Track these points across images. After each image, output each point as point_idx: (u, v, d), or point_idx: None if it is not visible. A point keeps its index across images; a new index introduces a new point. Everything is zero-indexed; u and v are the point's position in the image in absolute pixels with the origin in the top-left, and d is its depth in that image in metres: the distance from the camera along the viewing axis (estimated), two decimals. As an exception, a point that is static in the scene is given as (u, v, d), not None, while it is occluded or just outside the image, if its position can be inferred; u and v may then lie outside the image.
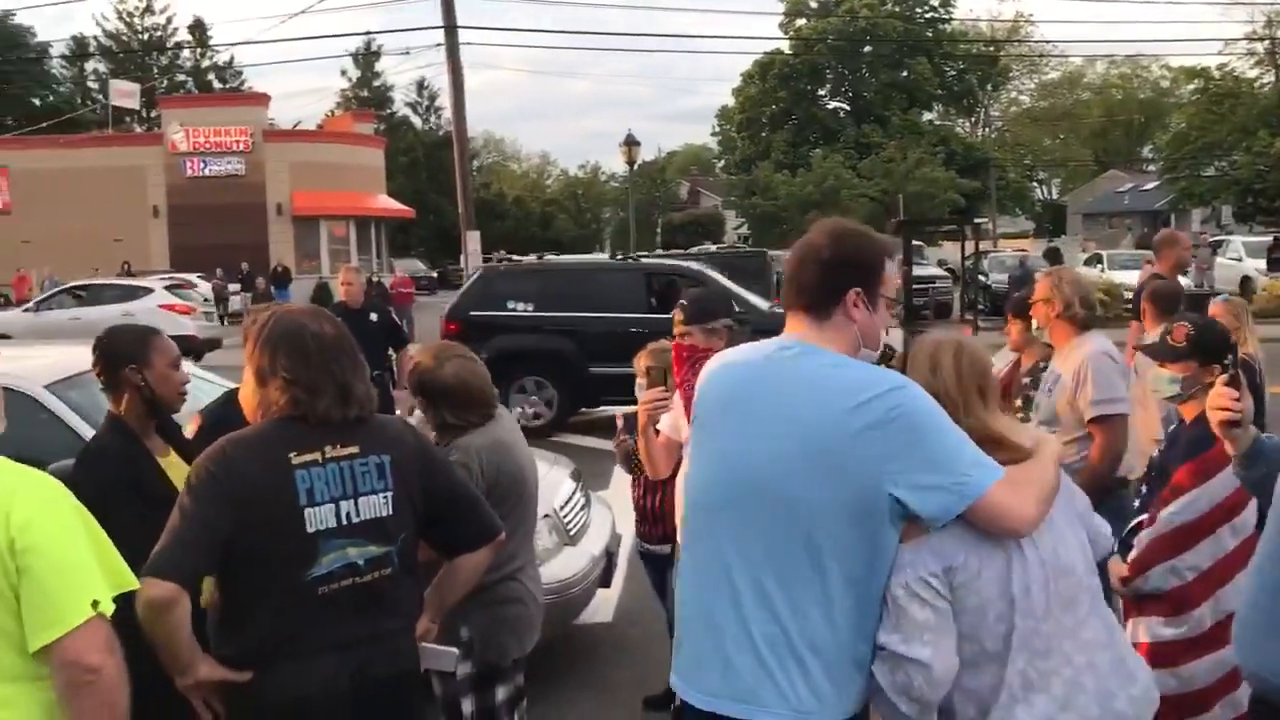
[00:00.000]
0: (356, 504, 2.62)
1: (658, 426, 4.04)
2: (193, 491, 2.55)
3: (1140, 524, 3.74)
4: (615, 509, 6.08)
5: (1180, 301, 5.97)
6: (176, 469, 3.33)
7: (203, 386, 5.95)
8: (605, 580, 5.58)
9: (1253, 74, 47.22)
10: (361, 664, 2.58)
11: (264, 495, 2.54)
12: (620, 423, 4.76)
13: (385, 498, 2.66)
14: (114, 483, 2.26)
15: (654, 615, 6.41)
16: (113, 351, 3.34)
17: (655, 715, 4.82)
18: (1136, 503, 3.88)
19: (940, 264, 32.02)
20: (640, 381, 3.97)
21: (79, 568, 1.99)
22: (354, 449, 2.65)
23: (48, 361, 5.12)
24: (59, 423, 4.70)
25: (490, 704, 3.47)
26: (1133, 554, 3.61)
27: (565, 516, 5.42)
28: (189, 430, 3.98)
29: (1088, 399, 4.44)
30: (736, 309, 4.51)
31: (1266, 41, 46.24)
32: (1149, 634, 3.59)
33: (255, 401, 2.72)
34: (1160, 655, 3.55)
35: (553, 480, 5.58)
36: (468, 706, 3.41)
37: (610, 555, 5.60)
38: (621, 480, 7.01)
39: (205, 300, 23.56)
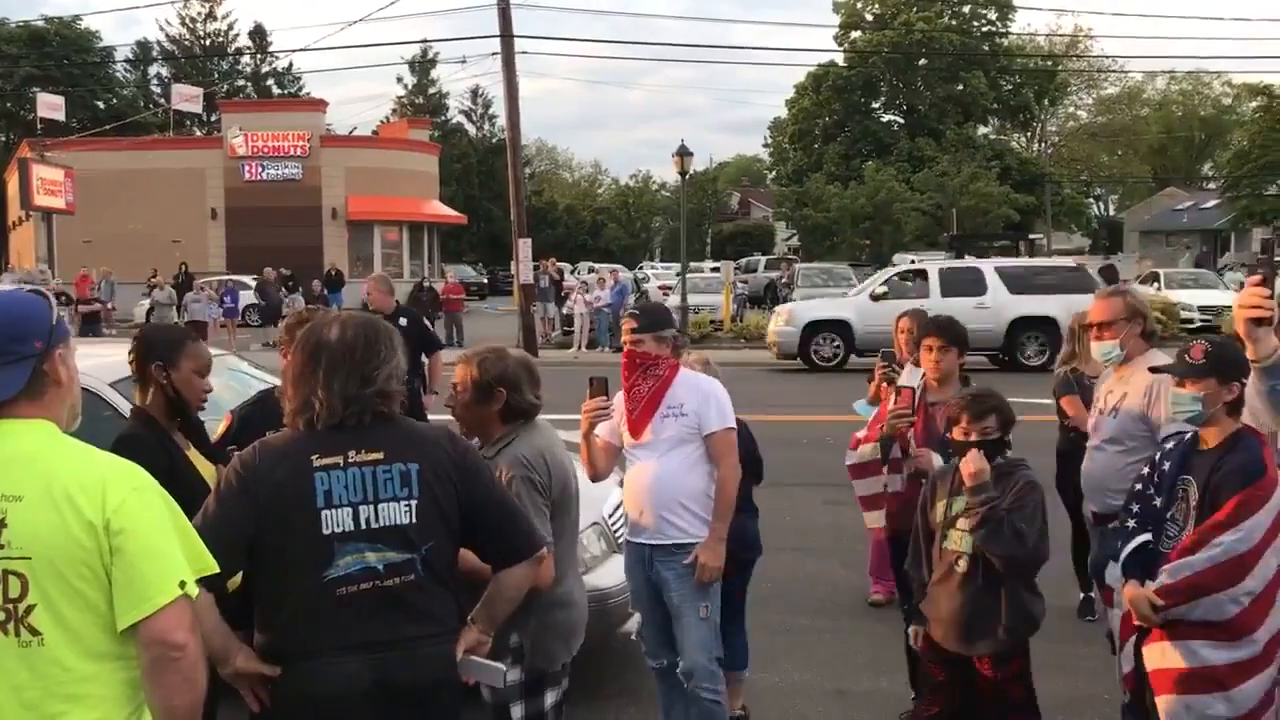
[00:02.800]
0: (376, 509, 2.64)
1: (598, 432, 4.40)
2: (219, 495, 2.65)
3: (1145, 544, 3.66)
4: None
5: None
6: (200, 462, 3.49)
7: (250, 383, 6.07)
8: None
9: (1318, 92, 46.31)
10: (384, 668, 2.61)
11: (285, 497, 2.62)
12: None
13: (408, 505, 2.66)
14: (149, 470, 2.33)
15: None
16: (147, 348, 3.53)
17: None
18: (1131, 522, 3.75)
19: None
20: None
21: (167, 550, 2.09)
22: (378, 455, 2.67)
23: (112, 360, 5.27)
24: (121, 418, 4.84)
25: (540, 709, 3.50)
26: (1171, 580, 3.49)
27: (613, 524, 5.44)
28: (220, 428, 4.08)
29: (1163, 415, 4.35)
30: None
31: (1333, 59, 45.32)
32: (1191, 659, 3.48)
33: None
34: (1206, 680, 3.47)
35: (602, 488, 5.60)
36: (517, 712, 3.44)
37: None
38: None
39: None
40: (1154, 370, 4.13)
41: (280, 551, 2.62)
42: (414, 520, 2.67)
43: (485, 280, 48.99)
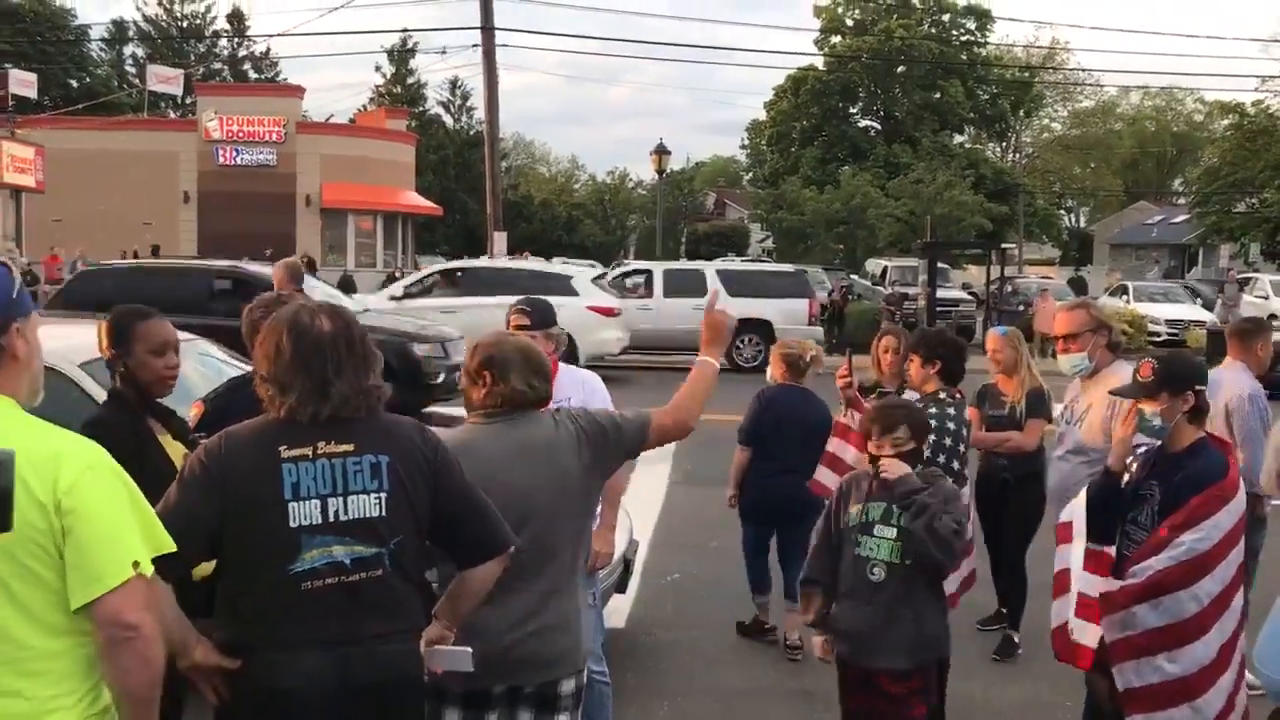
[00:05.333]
0: (345, 502, 2.59)
1: None
2: (182, 482, 2.60)
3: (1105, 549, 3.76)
4: (634, 516, 6.09)
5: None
6: (173, 448, 3.40)
7: (221, 369, 6.03)
8: (621, 586, 5.61)
9: (1288, 112, 46.87)
10: (346, 664, 2.57)
11: (251, 487, 2.56)
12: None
13: (378, 498, 2.62)
14: (116, 454, 2.27)
15: (665, 623, 6.44)
16: (107, 333, 3.42)
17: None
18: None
19: (964, 287, 32.02)
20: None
21: (121, 530, 2.07)
22: (348, 446, 2.62)
23: (81, 341, 5.22)
24: (89, 399, 4.81)
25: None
26: (1136, 580, 3.55)
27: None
28: (192, 416, 4.02)
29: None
30: None
31: (1304, 80, 45.89)
32: (1155, 674, 3.53)
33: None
34: (1176, 693, 3.52)
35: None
36: None
37: (628, 562, 5.62)
38: (639, 486, 7.00)
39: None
40: (1113, 394, 4.19)
41: (245, 544, 2.57)
42: (384, 513, 2.63)
43: (459, 273, 48.73)
